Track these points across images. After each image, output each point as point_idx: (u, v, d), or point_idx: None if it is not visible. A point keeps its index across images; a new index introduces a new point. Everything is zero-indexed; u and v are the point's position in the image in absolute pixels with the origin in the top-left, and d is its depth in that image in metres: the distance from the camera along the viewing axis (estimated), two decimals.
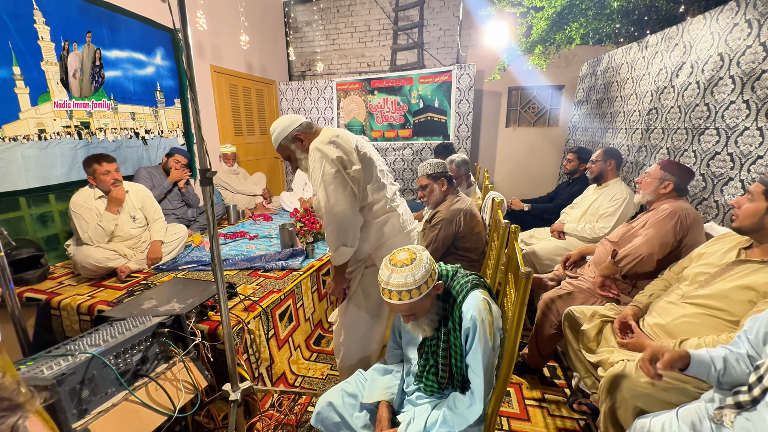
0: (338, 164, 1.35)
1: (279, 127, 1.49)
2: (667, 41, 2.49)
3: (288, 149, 1.50)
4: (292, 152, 1.51)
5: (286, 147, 1.50)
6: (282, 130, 1.48)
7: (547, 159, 4.67)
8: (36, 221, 2.53)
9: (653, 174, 1.75)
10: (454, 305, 1.06)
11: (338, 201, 1.36)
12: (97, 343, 1.35)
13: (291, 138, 1.48)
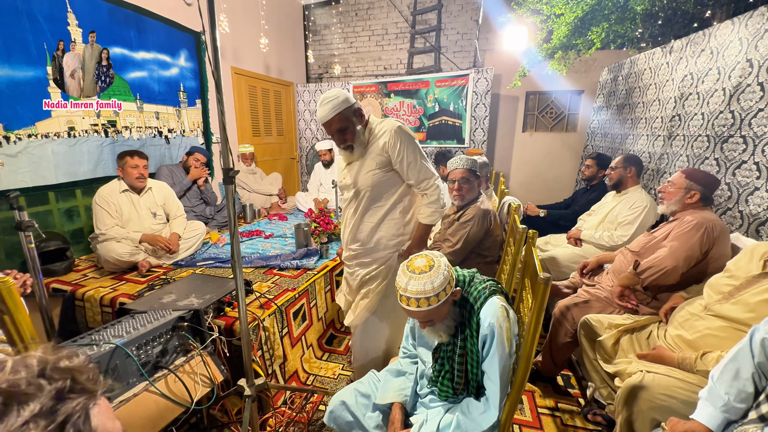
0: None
1: (340, 95, 1.46)
2: (692, 46, 2.44)
3: (348, 120, 1.48)
4: (351, 123, 1.49)
5: (347, 117, 1.47)
6: (345, 99, 1.46)
7: (563, 165, 4.60)
8: (63, 215, 2.63)
9: (677, 183, 1.71)
10: (471, 312, 1.06)
11: (433, 171, 1.57)
12: (120, 335, 1.39)
13: (353, 110, 1.49)
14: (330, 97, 1.45)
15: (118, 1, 2.80)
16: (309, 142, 5.63)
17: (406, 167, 1.51)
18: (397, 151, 1.49)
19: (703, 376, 1.23)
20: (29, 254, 1.77)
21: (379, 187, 1.55)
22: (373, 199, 1.58)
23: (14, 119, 2.27)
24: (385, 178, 1.54)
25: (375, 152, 1.52)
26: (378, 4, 5.49)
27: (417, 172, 1.52)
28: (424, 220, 1.57)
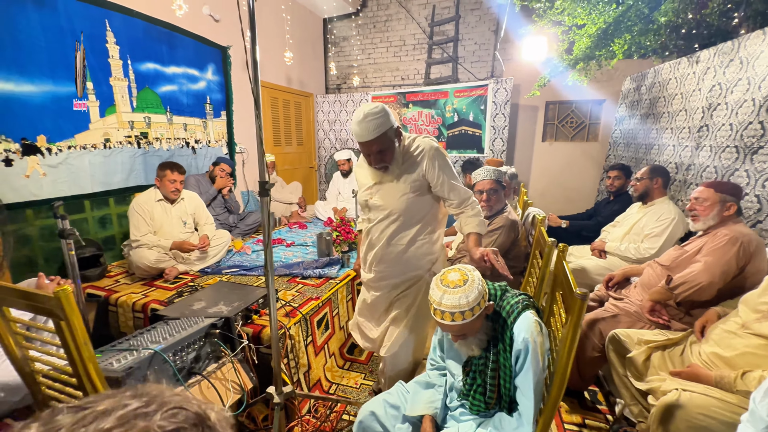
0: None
1: (382, 113, 1.36)
2: (721, 56, 2.40)
3: (390, 140, 1.40)
4: (392, 144, 1.41)
5: (389, 138, 1.40)
6: (388, 118, 1.37)
7: (584, 175, 4.54)
8: (97, 223, 2.74)
9: (710, 198, 1.66)
10: (504, 326, 1.07)
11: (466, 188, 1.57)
12: (156, 340, 1.44)
13: (395, 130, 1.43)
14: (372, 115, 1.33)
15: (152, 20, 2.94)
16: (327, 151, 5.72)
17: (448, 190, 1.47)
18: (437, 176, 1.44)
19: (744, 396, 1.19)
20: (69, 261, 1.85)
21: (412, 211, 1.50)
22: (404, 223, 1.51)
23: (56, 132, 2.40)
24: (418, 201, 1.49)
25: (410, 175, 1.45)
26: (396, 16, 5.59)
27: (458, 194, 1.49)
28: (474, 229, 1.49)
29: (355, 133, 1.38)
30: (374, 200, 1.54)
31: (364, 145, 1.40)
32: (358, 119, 1.35)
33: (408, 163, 1.47)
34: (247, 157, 4.20)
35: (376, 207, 1.54)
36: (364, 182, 1.60)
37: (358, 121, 1.35)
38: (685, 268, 1.66)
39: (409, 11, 5.50)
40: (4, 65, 2.11)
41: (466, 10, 5.15)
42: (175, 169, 2.53)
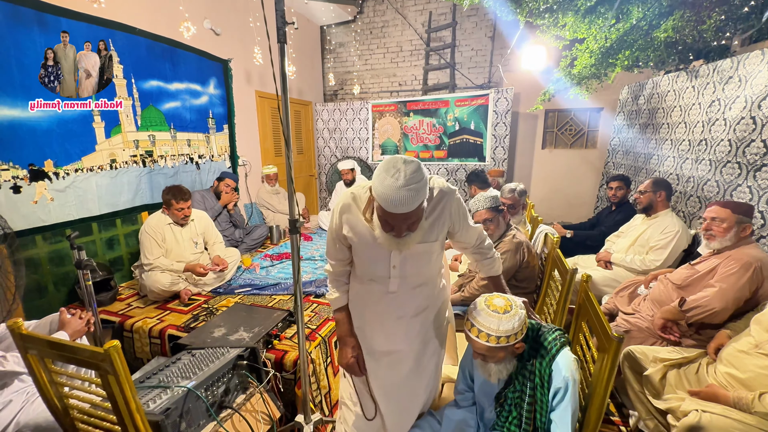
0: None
1: (424, 175, 1.01)
2: (720, 73, 2.48)
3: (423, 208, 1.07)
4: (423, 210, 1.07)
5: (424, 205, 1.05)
6: (426, 179, 1.03)
7: (584, 181, 4.63)
8: (104, 244, 2.72)
9: (727, 219, 1.71)
10: (542, 362, 1.11)
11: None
12: (186, 375, 1.45)
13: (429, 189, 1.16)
14: (415, 181, 0.96)
15: (155, 37, 2.92)
16: (327, 159, 5.72)
17: (466, 233, 1.28)
18: (461, 225, 1.25)
19: (762, 417, 1.25)
20: (87, 291, 1.84)
21: (427, 266, 1.26)
22: (418, 282, 1.26)
23: (63, 156, 2.38)
24: (433, 253, 1.25)
25: (438, 231, 1.20)
26: (393, 22, 5.60)
27: (476, 234, 1.31)
28: (497, 272, 1.38)
29: (387, 199, 0.96)
30: (397, 271, 1.20)
31: (398, 217, 1.00)
32: (397, 185, 0.94)
33: (433, 218, 1.17)
34: (249, 170, 4.19)
35: (400, 277, 1.21)
36: (373, 250, 1.18)
37: (397, 187, 0.94)
38: (697, 288, 1.72)
39: (405, 18, 5.51)
40: (11, 91, 2.09)
41: (462, 16, 5.19)
42: (180, 198, 2.47)
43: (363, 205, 1.17)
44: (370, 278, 1.26)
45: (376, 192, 0.99)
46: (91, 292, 1.85)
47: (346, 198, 1.20)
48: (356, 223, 1.19)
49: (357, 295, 1.33)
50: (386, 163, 1.01)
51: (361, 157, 5.41)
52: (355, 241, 1.21)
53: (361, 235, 1.19)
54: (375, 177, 1.01)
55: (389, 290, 1.23)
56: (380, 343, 1.32)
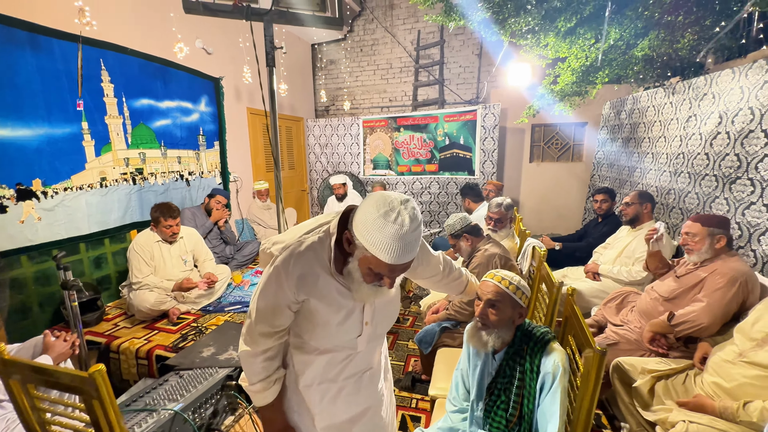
0: None
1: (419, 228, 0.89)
2: (695, 90, 2.59)
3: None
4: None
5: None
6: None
7: (571, 193, 4.73)
8: (92, 263, 2.68)
9: (698, 233, 1.77)
10: (534, 349, 1.16)
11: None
12: (173, 397, 1.43)
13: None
14: (418, 223, 0.84)
15: (147, 56, 2.95)
16: (319, 174, 5.75)
17: (428, 265, 1.17)
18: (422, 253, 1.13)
19: (747, 426, 1.28)
20: (72, 312, 1.82)
21: (396, 310, 1.13)
22: (385, 330, 1.13)
23: (52, 174, 2.36)
24: (399, 294, 1.14)
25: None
26: (382, 40, 5.74)
27: (439, 261, 1.20)
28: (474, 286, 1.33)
29: (391, 250, 0.80)
30: (370, 327, 1.03)
31: (398, 268, 0.86)
32: (403, 232, 0.80)
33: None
34: (241, 186, 4.19)
35: (371, 332, 1.04)
36: (342, 311, 0.98)
37: (402, 234, 0.80)
38: (684, 301, 1.76)
39: (395, 36, 5.66)
40: (2, 111, 2.09)
41: (450, 35, 5.35)
42: (168, 215, 2.46)
43: (325, 256, 0.93)
44: (333, 346, 1.01)
45: (370, 242, 0.80)
46: (76, 313, 1.82)
47: (295, 250, 0.92)
48: (320, 281, 0.93)
49: (309, 372, 1.03)
50: (378, 204, 0.81)
51: (352, 172, 5.46)
52: (318, 305, 0.94)
53: (327, 296, 0.94)
54: (367, 223, 0.81)
55: (357, 350, 1.04)
56: (345, 411, 1.08)
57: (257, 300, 0.95)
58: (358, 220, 0.84)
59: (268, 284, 0.94)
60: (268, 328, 0.97)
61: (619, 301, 2.27)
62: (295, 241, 0.95)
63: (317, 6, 1.16)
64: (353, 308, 0.98)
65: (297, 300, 0.94)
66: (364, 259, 0.86)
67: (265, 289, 0.94)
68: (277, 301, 0.94)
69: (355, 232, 0.84)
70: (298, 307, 0.97)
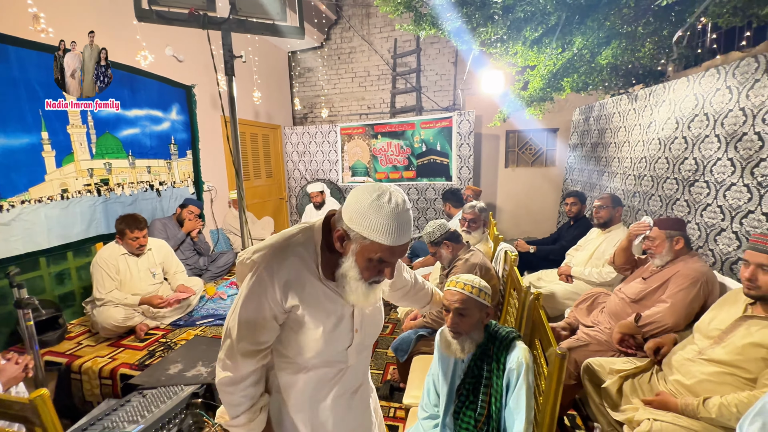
0: None
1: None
2: (654, 96, 2.70)
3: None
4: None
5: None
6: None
7: (546, 197, 4.84)
8: (54, 279, 2.55)
9: (658, 236, 1.84)
10: (500, 347, 1.19)
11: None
12: (133, 419, 1.37)
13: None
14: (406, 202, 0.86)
15: (112, 64, 2.86)
16: (298, 182, 5.70)
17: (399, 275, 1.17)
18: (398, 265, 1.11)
19: (707, 422, 1.31)
20: (27, 332, 1.73)
21: (381, 317, 1.09)
22: (371, 341, 1.08)
23: (8, 187, 2.25)
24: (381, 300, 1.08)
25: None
26: (359, 48, 5.78)
27: (412, 273, 1.24)
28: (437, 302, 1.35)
29: (393, 230, 0.80)
30: (359, 335, 0.98)
31: (398, 250, 0.84)
32: (399, 209, 0.81)
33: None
34: (215, 195, 4.10)
35: (360, 342, 1.00)
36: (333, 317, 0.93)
37: (399, 211, 0.81)
38: (650, 302, 1.81)
39: (371, 44, 5.71)
40: None
41: (425, 43, 5.43)
42: (135, 227, 2.38)
43: (311, 261, 0.89)
44: (323, 360, 0.94)
45: (369, 227, 0.79)
46: (32, 333, 1.73)
47: (280, 256, 0.87)
48: (307, 286, 0.88)
49: (297, 394, 0.96)
50: (368, 191, 0.82)
51: (331, 180, 5.43)
52: (306, 312, 0.89)
53: (316, 302, 0.89)
54: (362, 210, 0.80)
55: (348, 363, 0.98)
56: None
57: (238, 314, 0.87)
58: (351, 211, 0.82)
59: (250, 295, 0.86)
60: (251, 346, 0.88)
61: (590, 303, 2.32)
62: (278, 247, 0.89)
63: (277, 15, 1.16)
64: (343, 314, 0.93)
65: (284, 309, 0.87)
66: (362, 251, 0.83)
67: (248, 301, 0.87)
68: (262, 313, 0.86)
69: (349, 225, 0.82)
70: (284, 318, 0.90)
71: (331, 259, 0.89)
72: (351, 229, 0.82)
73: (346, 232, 0.83)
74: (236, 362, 0.88)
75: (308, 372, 0.95)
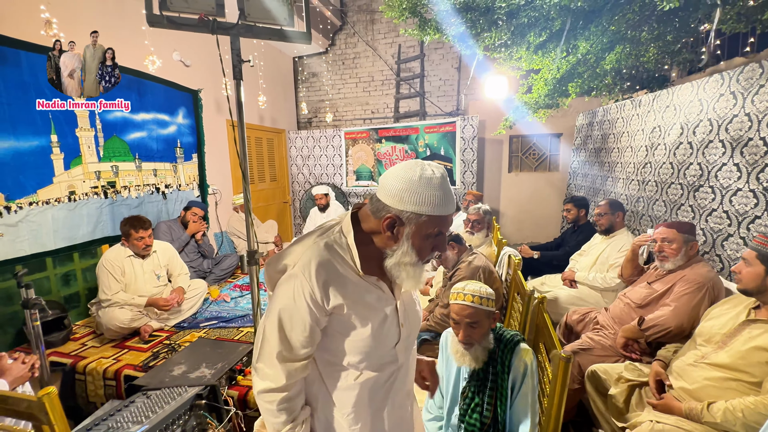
0: None
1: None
2: (658, 101, 2.71)
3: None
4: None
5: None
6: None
7: (549, 202, 4.83)
8: (60, 280, 2.58)
9: (673, 238, 1.82)
10: (504, 350, 1.19)
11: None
12: (137, 420, 1.37)
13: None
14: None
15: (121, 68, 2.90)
16: (301, 186, 5.73)
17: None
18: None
19: (711, 426, 1.30)
20: (34, 332, 1.74)
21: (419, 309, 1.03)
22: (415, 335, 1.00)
23: (17, 189, 2.28)
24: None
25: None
26: (364, 54, 5.82)
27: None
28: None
29: (441, 199, 0.79)
30: (405, 329, 0.93)
31: (449, 221, 0.83)
32: (438, 177, 0.80)
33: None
34: (220, 198, 4.13)
35: (407, 337, 0.94)
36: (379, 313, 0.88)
37: (440, 179, 0.80)
38: (655, 307, 1.80)
39: (375, 50, 5.75)
40: None
41: (429, 48, 5.47)
42: (140, 227, 2.41)
43: (347, 257, 0.84)
44: (377, 362, 0.89)
45: (425, 202, 0.77)
46: (38, 333, 1.75)
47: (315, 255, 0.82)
48: (348, 284, 0.83)
49: (350, 402, 0.90)
50: (409, 169, 0.79)
51: (335, 183, 5.46)
52: (353, 312, 0.84)
53: (361, 299, 0.84)
54: (413, 188, 0.77)
55: (399, 363, 0.92)
56: None
57: (276, 320, 0.82)
58: (400, 191, 0.77)
59: (288, 299, 0.81)
60: (291, 354, 0.83)
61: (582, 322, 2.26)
62: (310, 247, 0.84)
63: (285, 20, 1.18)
64: (387, 309, 0.88)
65: (326, 311, 0.82)
66: (418, 230, 0.79)
67: (287, 305, 0.81)
68: (303, 317, 0.81)
69: (400, 207, 0.78)
70: (326, 322, 0.84)
71: (367, 252, 0.85)
72: (404, 211, 0.78)
73: (398, 216, 0.79)
74: (276, 370, 0.83)
75: (362, 379, 0.88)
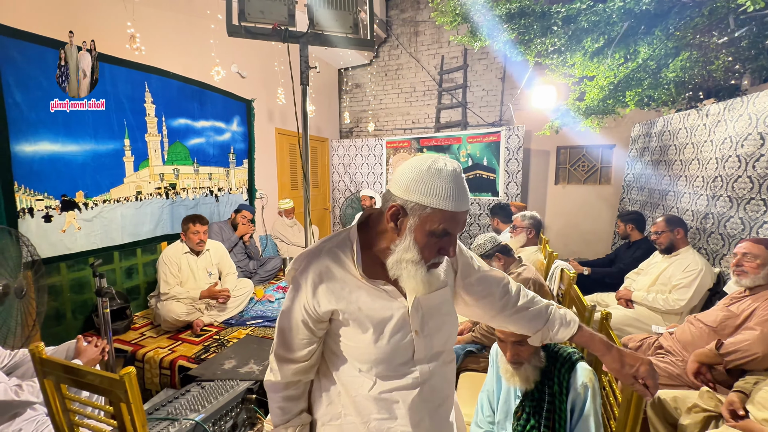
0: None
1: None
2: (730, 111, 2.50)
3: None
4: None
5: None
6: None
7: (599, 217, 4.58)
8: (124, 273, 2.78)
9: (758, 254, 1.64)
10: (561, 369, 1.11)
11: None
12: (194, 408, 1.43)
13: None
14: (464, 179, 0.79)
15: (186, 80, 3.15)
16: (342, 193, 5.85)
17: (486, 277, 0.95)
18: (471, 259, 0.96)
19: None
20: (104, 319, 1.87)
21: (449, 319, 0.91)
22: (443, 348, 0.89)
23: (94, 187, 2.51)
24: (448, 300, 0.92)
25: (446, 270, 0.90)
26: (407, 65, 5.91)
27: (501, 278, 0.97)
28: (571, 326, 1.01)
29: (453, 193, 0.73)
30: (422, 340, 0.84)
31: (461, 217, 0.77)
32: (452, 170, 0.74)
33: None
34: (266, 203, 4.31)
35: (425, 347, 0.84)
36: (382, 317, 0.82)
37: (454, 173, 0.74)
38: (734, 331, 1.63)
39: (419, 61, 5.82)
40: (54, 128, 2.26)
41: (473, 59, 5.45)
42: (197, 221, 2.59)
43: (348, 259, 0.82)
44: (391, 371, 0.83)
45: (430, 193, 0.72)
46: (107, 319, 1.88)
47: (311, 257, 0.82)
48: (346, 287, 0.81)
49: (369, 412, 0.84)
50: (420, 161, 0.75)
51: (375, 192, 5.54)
52: (351, 316, 0.81)
53: (359, 302, 0.80)
54: (421, 178, 0.72)
55: (419, 373, 0.83)
56: None
57: (278, 319, 0.87)
58: (407, 180, 0.73)
59: (286, 300, 0.85)
60: (286, 353, 0.85)
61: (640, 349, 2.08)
62: (312, 250, 0.85)
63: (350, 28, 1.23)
64: (393, 313, 0.81)
65: (318, 313, 0.80)
66: (421, 224, 0.74)
67: (284, 307, 0.85)
68: (294, 317, 0.82)
69: (405, 196, 0.73)
70: (323, 328, 0.84)
71: (371, 256, 0.83)
72: (408, 201, 0.73)
73: (402, 207, 0.74)
74: (275, 367, 0.88)
75: (378, 388, 0.83)
